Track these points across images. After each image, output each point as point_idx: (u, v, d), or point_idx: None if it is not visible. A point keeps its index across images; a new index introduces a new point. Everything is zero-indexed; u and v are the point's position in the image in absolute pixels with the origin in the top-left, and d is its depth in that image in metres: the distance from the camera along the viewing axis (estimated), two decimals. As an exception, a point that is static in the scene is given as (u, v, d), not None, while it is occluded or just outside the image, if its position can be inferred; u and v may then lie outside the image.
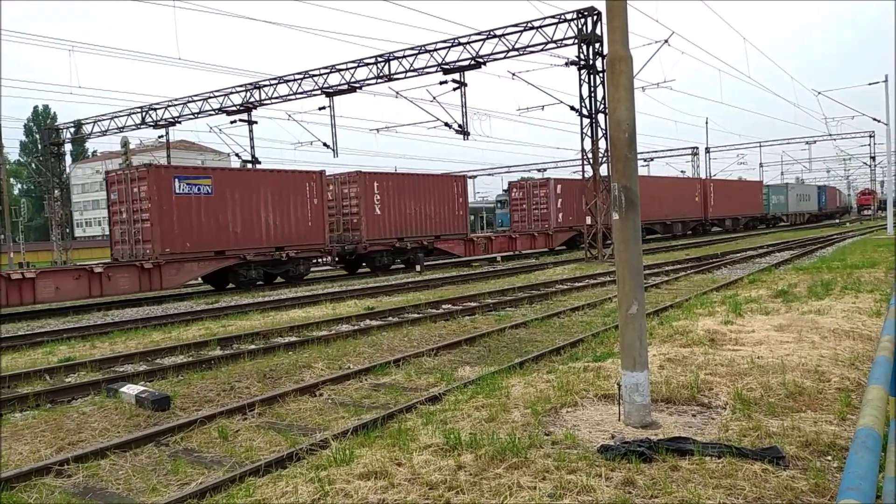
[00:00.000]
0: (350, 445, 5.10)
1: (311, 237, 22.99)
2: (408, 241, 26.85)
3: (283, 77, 29.99)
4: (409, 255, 27.26)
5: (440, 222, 28.31)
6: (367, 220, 25.31)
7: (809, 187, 72.74)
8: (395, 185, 26.67)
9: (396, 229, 26.36)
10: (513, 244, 32.40)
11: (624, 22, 5.31)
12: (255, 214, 21.41)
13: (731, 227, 52.62)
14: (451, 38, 25.83)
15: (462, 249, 29.46)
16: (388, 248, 26.38)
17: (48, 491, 5.14)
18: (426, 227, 27.63)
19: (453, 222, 29.07)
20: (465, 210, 29.89)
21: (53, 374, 9.17)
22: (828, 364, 6.51)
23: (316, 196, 23.19)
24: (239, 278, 21.35)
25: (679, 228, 45.36)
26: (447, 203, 28.73)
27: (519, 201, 36.37)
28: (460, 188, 29.61)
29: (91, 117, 36.69)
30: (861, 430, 1.74)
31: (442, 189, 28.61)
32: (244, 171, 23.50)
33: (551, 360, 8.45)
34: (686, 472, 4.10)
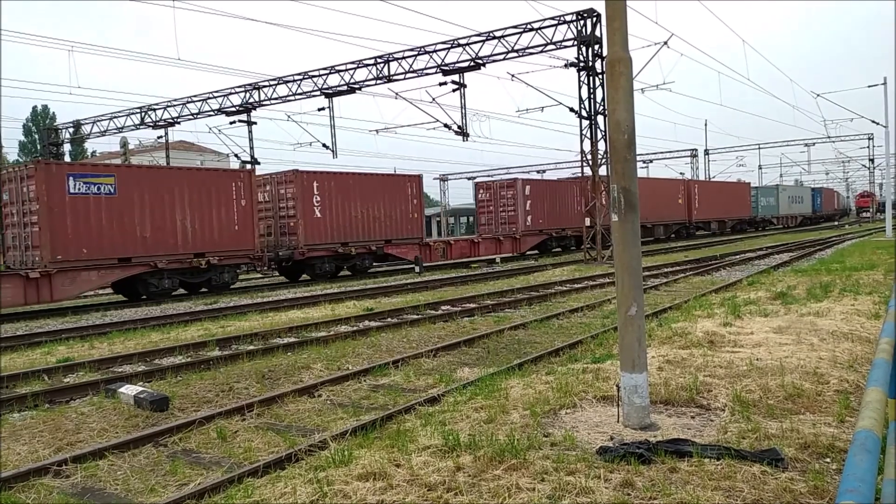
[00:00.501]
0: (349, 446, 5.10)
1: (237, 242, 20.92)
2: (353, 246, 24.67)
3: (282, 78, 30.00)
4: (354, 262, 25.26)
5: (391, 226, 26.04)
6: (305, 224, 23.13)
7: (802, 189, 71.14)
8: (339, 185, 24.37)
9: (340, 233, 24.19)
10: (475, 249, 30.32)
11: (623, 24, 5.32)
12: (170, 217, 19.28)
13: (717, 231, 51.07)
14: (451, 39, 25.86)
15: (417, 255, 27.16)
16: (331, 254, 24.20)
17: (46, 491, 5.13)
18: (375, 231, 25.41)
19: (406, 225, 26.70)
20: (421, 212, 27.60)
21: (52, 374, 9.16)
22: (826, 366, 6.52)
23: (244, 197, 21.11)
24: (150, 288, 19.15)
25: (661, 232, 43.81)
26: (399, 205, 26.46)
27: (486, 203, 33.96)
28: (415, 189, 27.30)
29: (90, 117, 36.70)
30: (860, 433, 1.74)
31: (393, 189, 26.35)
32: (155, 169, 21.13)
33: (550, 361, 8.45)
34: (685, 474, 4.10)
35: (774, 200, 59.90)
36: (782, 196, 61.40)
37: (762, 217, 58.32)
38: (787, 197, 62.45)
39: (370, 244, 25.31)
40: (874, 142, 62.07)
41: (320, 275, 24.08)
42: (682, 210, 45.90)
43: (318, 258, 23.92)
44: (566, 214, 34.95)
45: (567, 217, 34.96)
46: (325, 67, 28.75)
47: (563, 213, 34.91)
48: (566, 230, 34.87)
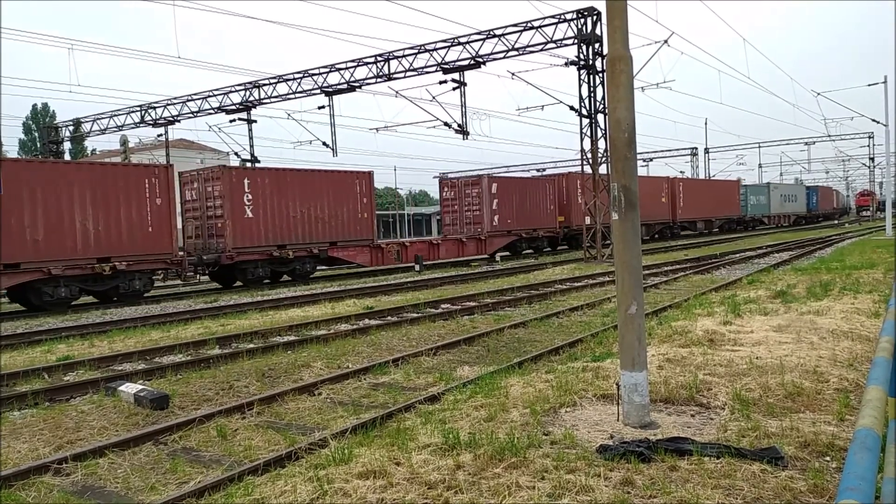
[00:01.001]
0: (349, 445, 5.10)
1: (151, 245, 18.83)
2: (291, 248, 22.59)
3: (282, 76, 29.99)
4: (294, 266, 23.09)
5: (337, 226, 23.99)
6: (233, 225, 21.11)
7: (796, 187, 69.44)
8: (275, 182, 22.38)
9: (275, 235, 22.21)
10: (434, 251, 28.18)
11: (624, 22, 5.31)
12: (67, 217, 17.21)
13: (703, 230, 49.19)
14: (451, 37, 25.84)
15: (367, 258, 25.22)
16: (265, 258, 22.12)
17: (47, 489, 5.13)
18: (318, 233, 23.40)
19: (355, 226, 24.61)
20: (371, 212, 25.37)
21: (52, 372, 9.16)
22: (826, 365, 6.52)
23: (160, 195, 18.98)
24: (43, 297, 17.09)
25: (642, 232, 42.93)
26: (346, 204, 24.39)
27: (450, 202, 31.62)
28: (364, 186, 25.18)
29: (90, 116, 36.70)
30: (860, 431, 1.74)
31: (339, 187, 24.21)
32: (49, 164, 18.91)
33: (550, 359, 8.45)
34: (685, 473, 4.11)
35: (765, 199, 58.27)
36: (774, 194, 59.70)
37: (752, 216, 56.72)
38: (779, 195, 60.80)
39: (312, 247, 23.23)
40: (874, 140, 62.06)
41: (253, 280, 22.00)
42: (665, 209, 43.86)
43: (250, 262, 21.85)
44: (538, 214, 33.07)
45: (539, 217, 33.12)
46: (326, 66, 28.74)
47: (534, 213, 32.90)
48: (537, 231, 33.07)
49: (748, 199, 55.52)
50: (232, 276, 22.33)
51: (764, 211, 58.06)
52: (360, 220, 24.93)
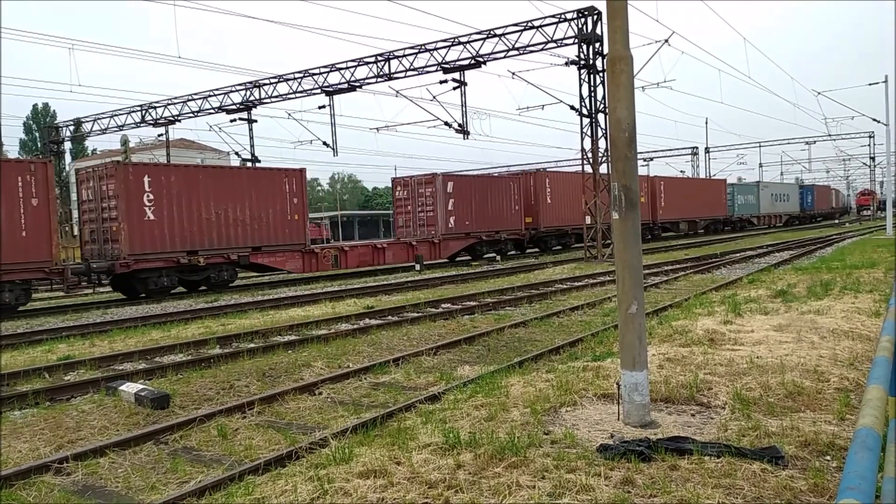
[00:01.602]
0: (349, 444, 5.11)
1: (25, 253, 16.51)
2: (204, 255, 20.08)
3: (282, 76, 30.00)
4: (209, 274, 20.61)
5: (261, 229, 21.67)
6: (130, 228, 18.61)
7: (788, 186, 67.22)
8: (183, 181, 19.91)
9: (183, 240, 19.73)
10: (378, 256, 25.83)
11: (624, 21, 5.31)
12: None
13: (687, 232, 47.05)
14: (452, 37, 25.84)
15: (298, 264, 22.94)
16: (171, 265, 19.54)
17: (47, 489, 5.14)
18: (236, 237, 21.02)
19: (283, 230, 22.34)
20: (303, 213, 23.09)
21: (52, 372, 9.17)
22: (827, 364, 6.52)
23: (36, 194, 16.77)
24: None
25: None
26: (273, 205, 22.07)
27: (403, 202, 29.24)
28: (295, 185, 22.83)
29: (91, 115, 36.74)
30: (860, 430, 1.74)
31: (264, 186, 21.93)
32: None
33: (550, 359, 8.45)
34: (685, 472, 4.11)
35: (754, 198, 56.13)
36: (763, 194, 57.59)
37: (739, 217, 54.56)
38: (769, 195, 58.63)
39: (230, 252, 20.85)
40: (875, 140, 62.02)
41: (156, 291, 19.42)
42: (644, 209, 41.04)
43: (152, 271, 19.25)
44: (501, 215, 30.78)
45: (502, 218, 30.82)
46: (326, 65, 28.75)
47: (496, 214, 30.56)
48: (500, 233, 30.75)
49: (735, 199, 53.54)
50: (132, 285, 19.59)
51: (753, 211, 56.09)
52: (289, 222, 22.58)
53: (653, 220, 42.53)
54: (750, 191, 56.62)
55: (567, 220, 33.85)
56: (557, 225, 33.77)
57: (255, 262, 22.01)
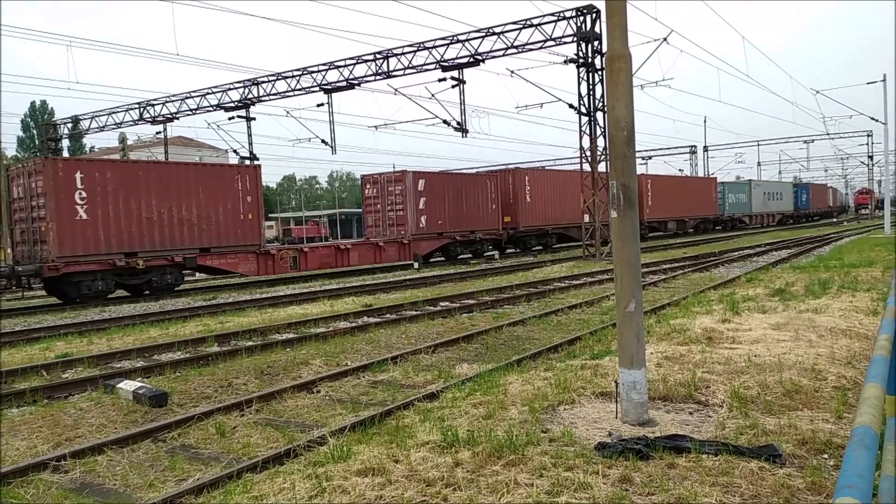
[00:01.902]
0: (347, 442, 5.11)
1: None
2: (144, 257, 18.78)
3: (281, 73, 29.96)
4: (151, 278, 19.18)
5: (210, 230, 20.23)
6: (59, 228, 17.30)
7: (781, 184, 65.74)
8: (120, 177, 18.47)
9: (121, 241, 18.37)
10: (342, 258, 24.29)
11: (623, 20, 5.31)
12: None
13: (675, 231, 45.43)
14: (450, 35, 25.83)
15: (252, 266, 21.49)
16: (106, 268, 18.14)
17: (45, 486, 5.14)
18: (182, 237, 19.63)
19: (235, 230, 20.90)
20: (258, 212, 21.62)
21: (50, 369, 9.16)
22: (825, 362, 6.53)
23: None
24: None
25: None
26: (224, 203, 20.63)
27: (372, 201, 27.83)
28: (249, 182, 21.43)
29: (88, 113, 36.66)
30: (858, 429, 1.74)
31: (213, 183, 20.42)
32: None
33: (549, 357, 8.46)
34: (683, 470, 4.11)
35: (746, 197, 54.66)
36: (756, 192, 56.19)
37: (730, 216, 53.09)
38: (761, 193, 57.39)
39: (174, 254, 19.45)
40: (873, 138, 61.98)
41: (90, 296, 18.01)
42: None
43: (85, 274, 17.85)
44: (477, 214, 29.64)
45: (478, 217, 29.66)
46: (324, 63, 28.71)
47: (472, 213, 29.37)
48: (476, 233, 29.55)
49: (726, 198, 52.32)
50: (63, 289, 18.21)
51: (744, 210, 54.68)
52: (242, 222, 21.18)
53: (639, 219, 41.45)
54: (741, 189, 55.31)
55: (549, 220, 33.14)
56: (538, 224, 32.73)
57: (204, 265, 20.70)
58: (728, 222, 53.22)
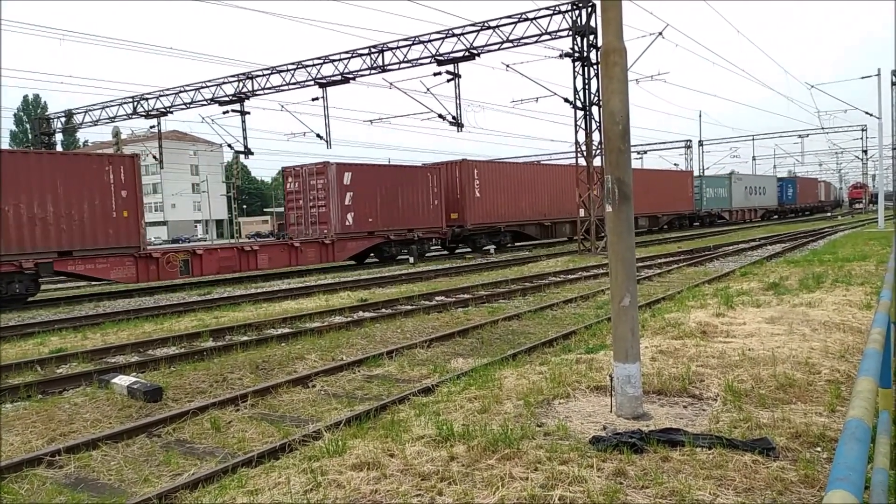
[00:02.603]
0: (343, 436, 5.11)
1: None
2: None
3: (276, 67, 29.84)
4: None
5: (72, 230, 17.30)
6: None
7: (764, 178, 62.99)
8: None
9: None
10: (245, 260, 21.40)
11: (618, 14, 5.30)
12: None
13: (647, 228, 41.97)
14: (446, 29, 25.76)
15: (130, 272, 18.57)
16: None
17: (40, 482, 5.13)
18: (34, 239, 16.63)
19: (105, 229, 17.98)
20: (136, 209, 18.67)
21: (44, 364, 9.13)
22: (818, 356, 6.56)
23: None
24: None
25: (565, 231, 34.21)
26: (90, 198, 17.67)
27: (294, 196, 24.89)
28: (124, 175, 18.46)
29: (82, 107, 36.48)
30: (851, 422, 1.75)
31: (75, 176, 17.39)
32: None
33: (544, 351, 8.47)
34: (677, 463, 4.13)
35: (726, 192, 51.83)
36: (736, 186, 53.44)
37: (708, 211, 50.11)
38: (742, 187, 54.64)
39: (23, 259, 16.46)
40: (867, 133, 62.15)
41: None
42: None
43: None
44: (416, 211, 26.73)
45: (417, 215, 26.76)
46: (319, 57, 28.61)
47: (409, 210, 26.47)
48: (414, 231, 26.73)
49: (704, 192, 49.35)
50: None
51: (724, 205, 51.94)
52: (114, 220, 18.24)
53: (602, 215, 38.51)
54: (720, 183, 52.31)
55: (502, 217, 30.63)
56: (489, 222, 30.02)
57: (64, 271, 17.59)
58: (706, 218, 50.35)
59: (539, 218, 32.81)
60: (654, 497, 3.68)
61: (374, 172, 25.82)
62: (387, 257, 26.45)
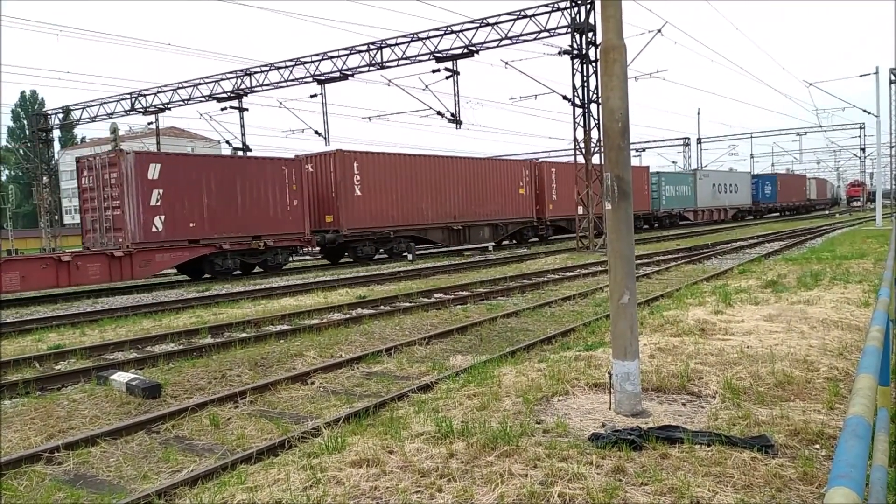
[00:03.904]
0: (342, 433, 5.11)
1: None
2: None
3: (274, 64, 29.79)
4: None
5: None
6: None
7: (737, 175, 58.09)
8: None
9: None
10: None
11: (618, 11, 5.30)
12: None
13: None
14: (444, 25, 25.72)
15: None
16: None
17: (38, 478, 5.13)
18: None
19: None
20: None
21: (43, 361, 9.12)
22: (816, 354, 6.57)
23: None
24: None
25: (484, 235, 29.90)
26: None
27: (90, 194, 19.69)
28: None
29: (79, 103, 36.39)
30: (851, 419, 1.76)
31: None
32: None
33: (543, 349, 8.48)
34: (676, 460, 4.14)
35: (689, 189, 47.16)
36: (702, 184, 48.75)
37: (668, 211, 45.18)
38: (709, 185, 49.92)
39: None
40: (865, 131, 62.17)
41: None
42: (526, 205, 31.97)
43: None
44: (265, 214, 21.49)
45: (267, 219, 21.56)
46: (318, 53, 28.58)
47: (255, 213, 21.21)
48: (262, 239, 21.42)
49: (663, 190, 44.47)
50: None
51: (687, 204, 47.15)
52: None
53: (538, 217, 32.86)
54: (683, 181, 47.52)
55: (394, 220, 25.81)
56: (375, 226, 25.23)
57: None
58: (665, 219, 45.26)
59: (447, 221, 27.79)
60: (654, 494, 3.69)
61: (197, 165, 20.67)
62: (221, 272, 20.93)
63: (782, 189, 62.04)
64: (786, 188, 63.22)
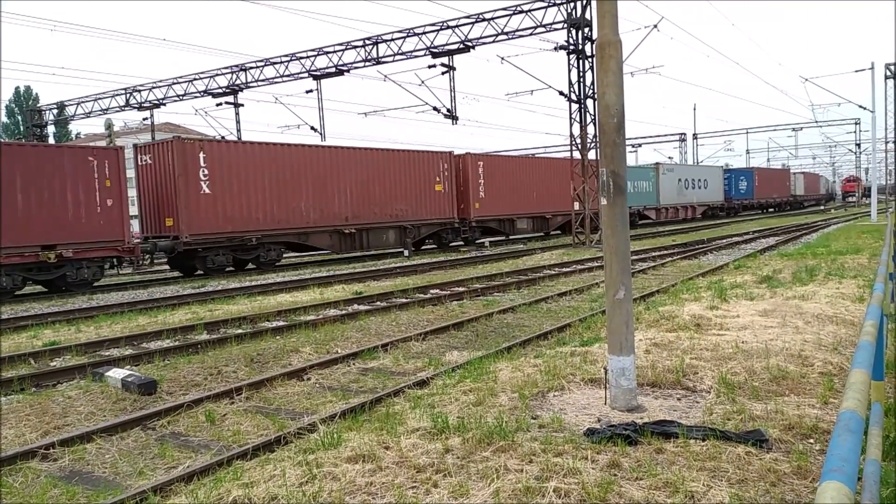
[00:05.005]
0: (338, 429, 5.11)
1: None
2: None
3: (269, 59, 29.69)
4: None
5: None
6: None
7: (706, 169, 52.75)
8: None
9: None
10: None
11: (613, 6, 5.29)
12: None
13: (530, 232, 32.67)
14: (440, 21, 25.67)
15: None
16: None
17: (34, 475, 5.12)
18: None
19: None
20: None
21: (38, 357, 9.10)
22: (811, 349, 6.59)
23: None
24: None
25: (389, 239, 25.64)
26: None
27: None
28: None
29: (74, 99, 36.22)
30: (844, 413, 1.76)
31: None
32: None
33: (539, 344, 8.49)
34: (671, 455, 4.15)
35: (651, 185, 42.57)
36: (666, 179, 44.03)
37: None
38: (674, 180, 45.15)
39: None
40: (861, 126, 62.26)
41: None
42: (444, 203, 27.58)
43: None
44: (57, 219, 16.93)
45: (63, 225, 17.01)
46: (313, 49, 28.48)
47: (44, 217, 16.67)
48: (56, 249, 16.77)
49: None
50: None
51: (648, 201, 42.37)
52: None
53: (459, 217, 28.47)
54: (644, 176, 42.47)
55: (257, 224, 21.43)
56: (230, 231, 20.77)
57: None
58: None
59: (336, 223, 23.77)
60: (648, 488, 3.70)
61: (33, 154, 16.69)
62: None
63: (760, 184, 57.65)
64: (764, 183, 58.84)
